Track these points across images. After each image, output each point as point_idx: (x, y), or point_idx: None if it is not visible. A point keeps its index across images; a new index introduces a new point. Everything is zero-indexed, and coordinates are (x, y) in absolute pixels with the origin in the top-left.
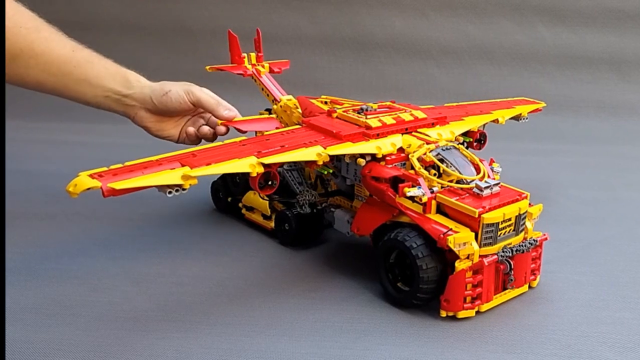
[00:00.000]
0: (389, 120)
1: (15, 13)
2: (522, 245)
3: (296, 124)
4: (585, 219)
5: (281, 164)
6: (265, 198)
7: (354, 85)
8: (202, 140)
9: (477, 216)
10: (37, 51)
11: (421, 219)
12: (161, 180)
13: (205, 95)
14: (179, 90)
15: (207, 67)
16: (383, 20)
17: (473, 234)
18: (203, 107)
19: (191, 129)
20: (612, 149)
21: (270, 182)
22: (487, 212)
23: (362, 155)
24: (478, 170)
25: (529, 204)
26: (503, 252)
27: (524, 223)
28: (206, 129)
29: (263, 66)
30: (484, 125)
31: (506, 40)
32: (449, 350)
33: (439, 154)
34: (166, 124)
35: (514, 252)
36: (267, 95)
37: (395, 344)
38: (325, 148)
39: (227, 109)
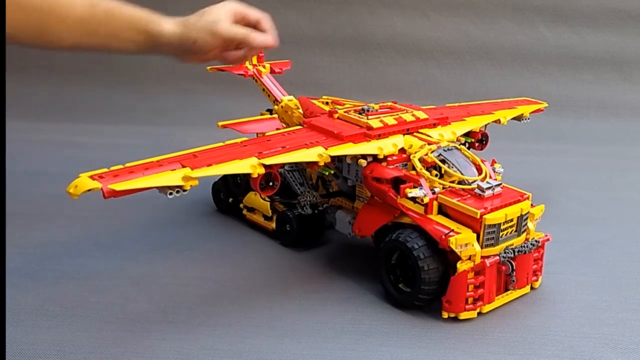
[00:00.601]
0: (390, 120)
1: None
2: (524, 246)
3: (297, 125)
4: (587, 219)
5: (282, 165)
6: (267, 199)
7: (355, 85)
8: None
9: (478, 217)
10: (60, 16)
11: (423, 220)
12: (162, 181)
13: (233, 31)
14: (205, 38)
15: (208, 68)
16: (384, 20)
17: (475, 235)
18: (235, 43)
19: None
20: (614, 150)
21: (271, 183)
22: (488, 213)
23: (364, 156)
24: (480, 170)
25: (531, 205)
26: (505, 253)
27: (526, 224)
28: (238, 53)
29: (264, 66)
30: (485, 125)
31: (507, 40)
32: (450, 351)
33: (440, 154)
34: (197, 56)
35: (516, 253)
36: (268, 95)
37: (396, 345)
38: (326, 149)
39: (261, 35)
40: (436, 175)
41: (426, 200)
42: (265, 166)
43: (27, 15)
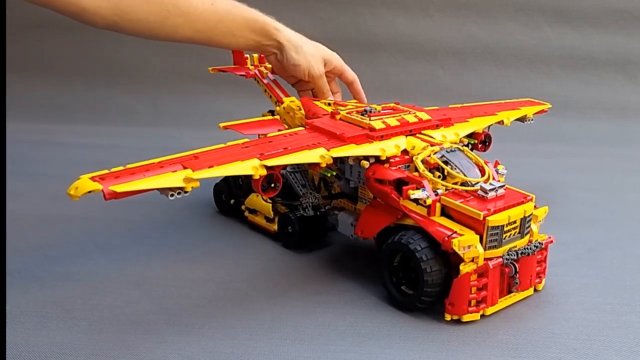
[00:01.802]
0: (392, 122)
1: None
2: (527, 248)
3: (299, 126)
4: (590, 221)
5: (284, 166)
6: (268, 200)
7: None
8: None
9: (481, 219)
10: (183, 10)
11: (425, 222)
12: (163, 183)
13: (323, 87)
14: (304, 72)
15: (210, 69)
16: (386, 21)
17: (478, 236)
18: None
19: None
20: (618, 151)
21: (273, 185)
22: (492, 214)
23: (366, 158)
24: (483, 172)
25: (535, 207)
26: (508, 255)
27: (529, 226)
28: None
29: (266, 67)
30: (488, 126)
31: (511, 41)
32: (453, 354)
33: (443, 155)
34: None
35: (519, 255)
36: (270, 96)
37: (399, 347)
38: (328, 150)
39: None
40: (439, 177)
41: (429, 201)
42: (267, 167)
43: (149, 6)
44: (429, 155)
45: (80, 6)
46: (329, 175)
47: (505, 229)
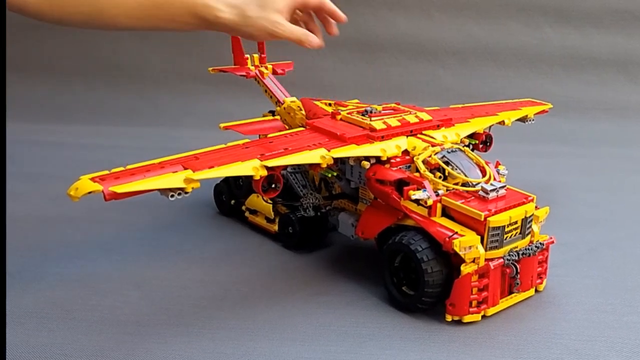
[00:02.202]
0: (393, 122)
1: None
2: (528, 249)
3: (300, 126)
4: (592, 221)
5: (285, 167)
6: (269, 201)
7: (358, 86)
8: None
9: (483, 219)
10: (117, 2)
11: (426, 222)
12: (163, 183)
13: (290, 33)
14: (263, 36)
15: (210, 69)
16: (387, 21)
17: (479, 237)
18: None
19: None
20: (619, 151)
21: (273, 185)
22: (493, 215)
23: (367, 158)
24: (484, 172)
25: (536, 207)
26: (509, 255)
27: (530, 226)
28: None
29: (266, 67)
30: (489, 127)
31: (512, 41)
32: (454, 355)
33: (444, 156)
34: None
35: (520, 256)
36: (271, 97)
37: (400, 348)
38: (329, 150)
39: (315, 40)
40: (440, 177)
41: (430, 202)
42: (267, 168)
43: (82, 1)
44: (430, 156)
45: (22, 2)
46: (329, 175)
47: (507, 229)
